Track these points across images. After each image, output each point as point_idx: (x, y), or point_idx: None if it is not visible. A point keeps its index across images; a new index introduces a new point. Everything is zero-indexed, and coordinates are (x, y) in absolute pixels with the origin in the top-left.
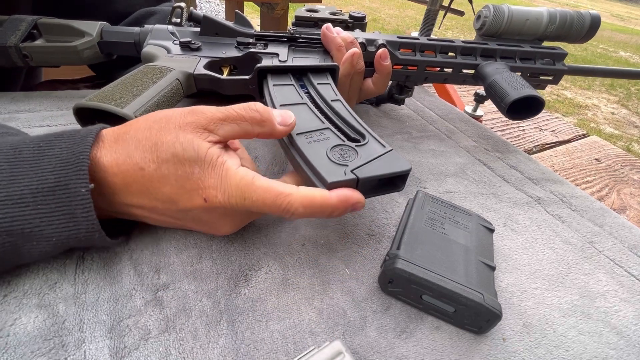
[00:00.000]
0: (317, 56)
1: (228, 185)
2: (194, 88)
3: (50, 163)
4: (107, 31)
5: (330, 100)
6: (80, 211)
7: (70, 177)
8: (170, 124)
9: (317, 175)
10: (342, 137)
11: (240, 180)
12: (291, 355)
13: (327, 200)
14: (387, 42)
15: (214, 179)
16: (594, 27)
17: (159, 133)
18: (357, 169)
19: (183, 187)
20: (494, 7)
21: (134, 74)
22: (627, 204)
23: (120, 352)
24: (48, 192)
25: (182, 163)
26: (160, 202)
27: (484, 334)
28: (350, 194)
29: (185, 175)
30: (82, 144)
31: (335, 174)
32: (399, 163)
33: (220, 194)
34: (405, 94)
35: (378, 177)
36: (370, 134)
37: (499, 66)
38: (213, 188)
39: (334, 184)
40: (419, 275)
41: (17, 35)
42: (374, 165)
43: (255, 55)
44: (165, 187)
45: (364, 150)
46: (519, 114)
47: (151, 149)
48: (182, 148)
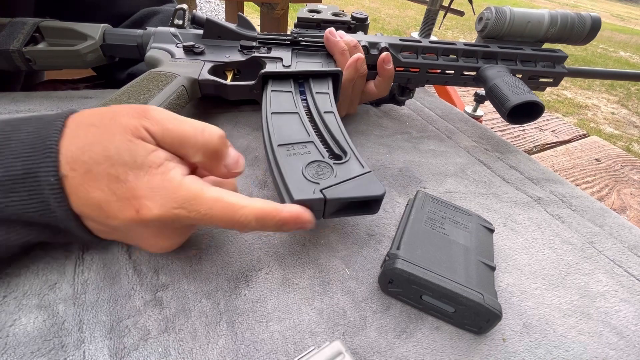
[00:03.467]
0: (320, 60)
1: (170, 198)
2: (198, 93)
3: (16, 148)
4: (110, 34)
5: (323, 111)
6: (52, 200)
7: (39, 165)
8: (114, 122)
9: (286, 189)
10: (323, 153)
11: (186, 192)
12: (291, 355)
13: (279, 212)
14: (390, 44)
15: (149, 189)
16: (594, 29)
17: (99, 130)
18: (327, 188)
19: (114, 194)
20: (496, 9)
21: (140, 80)
22: (627, 204)
23: (119, 353)
24: (18, 179)
25: (115, 167)
26: (90, 209)
27: (484, 334)
28: (301, 213)
29: (118, 181)
30: (50, 128)
31: (303, 191)
32: (373, 187)
33: (157, 207)
34: (406, 96)
35: (347, 199)
36: (352, 152)
37: (500, 69)
38: (148, 199)
39: (300, 201)
40: (419, 276)
41: (19, 39)
42: (347, 186)
43: (259, 60)
44: (94, 191)
45: (341, 169)
46: (519, 118)
47: (84, 147)
48: (116, 150)
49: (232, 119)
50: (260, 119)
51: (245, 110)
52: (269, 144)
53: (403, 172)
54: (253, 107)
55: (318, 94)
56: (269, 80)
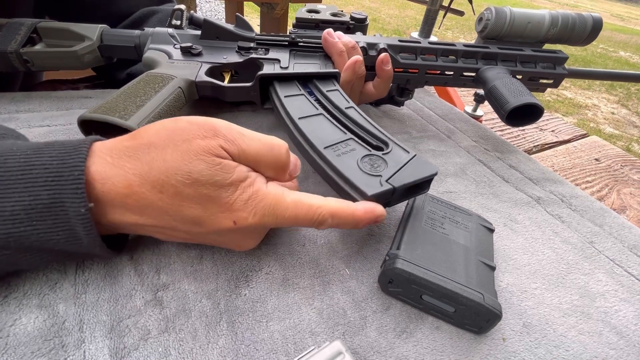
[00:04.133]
0: (318, 61)
1: (260, 207)
2: (195, 95)
3: (40, 175)
4: (107, 35)
5: (344, 108)
6: (81, 229)
7: (67, 195)
8: (189, 144)
9: (354, 188)
10: (367, 147)
11: (273, 199)
12: (291, 355)
13: (354, 212)
14: (388, 45)
15: (242, 202)
16: (595, 30)
17: (176, 152)
18: (390, 178)
19: (209, 210)
20: (496, 10)
21: (137, 83)
22: (627, 204)
23: (120, 353)
24: (43, 209)
25: (206, 187)
26: (182, 223)
27: (484, 334)
28: (375, 207)
29: (211, 199)
30: (75, 155)
31: (372, 185)
32: (427, 167)
33: (251, 216)
34: (405, 97)
35: (411, 184)
36: (392, 140)
37: (499, 71)
38: (243, 211)
39: (374, 196)
40: (419, 275)
41: (17, 40)
42: (405, 172)
43: (257, 61)
44: (188, 210)
45: (390, 158)
46: (518, 121)
47: (169, 171)
48: (201, 173)
49: (232, 119)
50: (260, 119)
51: (246, 110)
52: (311, 150)
53: None
54: (253, 107)
55: (329, 91)
56: (276, 85)
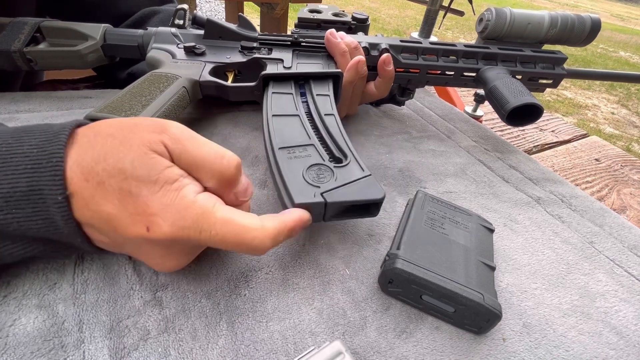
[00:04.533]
0: (321, 61)
1: (180, 215)
2: (199, 94)
3: (20, 163)
4: (111, 34)
5: (324, 113)
6: (59, 217)
7: (45, 182)
8: (134, 135)
9: (287, 193)
10: (324, 156)
11: (199, 210)
12: (291, 355)
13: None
14: (390, 46)
15: (161, 206)
16: (594, 30)
17: (116, 142)
18: (328, 192)
19: (125, 209)
20: (496, 11)
21: (141, 82)
22: (627, 204)
23: (119, 353)
24: (22, 196)
25: (129, 181)
26: (99, 222)
27: (484, 334)
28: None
29: (130, 195)
30: (55, 142)
31: (304, 194)
32: (373, 190)
33: (168, 225)
34: (406, 96)
35: (347, 203)
36: (353, 155)
37: (499, 71)
38: (159, 216)
39: (301, 205)
40: (419, 275)
41: (20, 39)
42: (347, 190)
43: (260, 61)
44: (106, 205)
45: (341, 172)
46: (518, 121)
47: (99, 159)
48: (131, 164)
49: (233, 119)
50: (260, 119)
51: (246, 110)
52: (269, 147)
53: (403, 172)
54: (253, 107)
55: (319, 95)
56: (270, 82)
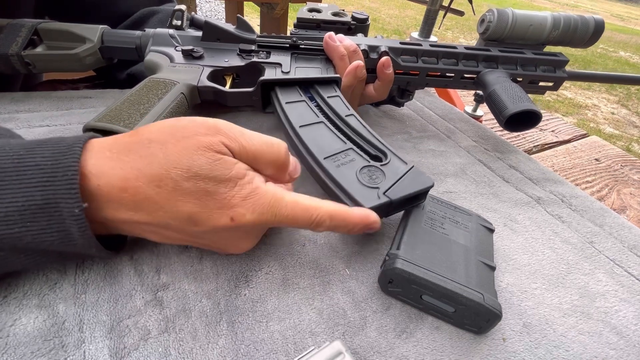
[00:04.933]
0: (319, 65)
1: (259, 204)
2: (198, 99)
3: (34, 176)
4: (108, 36)
5: (344, 115)
6: (75, 229)
7: (61, 196)
8: (191, 139)
9: (353, 200)
10: (366, 158)
11: (272, 197)
12: (291, 355)
13: (350, 216)
14: (390, 48)
15: (241, 198)
16: (597, 32)
17: (178, 146)
18: (388, 190)
19: (206, 206)
20: (498, 12)
21: (139, 89)
22: (627, 204)
23: (120, 353)
24: (37, 209)
25: (205, 182)
26: (177, 221)
27: (484, 334)
28: (369, 214)
29: (209, 194)
30: (69, 154)
31: (369, 198)
32: (423, 180)
33: (250, 213)
34: (406, 98)
35: (408, 196)
36: (390, 151)
37: (499, 75)
38: (241, 207)
39: (372, 208)
40: (419, 275)
41: (18, 42)
42: (402, 184)
43: (258, 65)
44: (185, 205)
45: (388, 169)
46: (516, 126)
47: (170, 165)
48: (201, 167)
49: (232, 119)
50: (260, 119)
51: (246, 111)
52: (311, 159)
53: None
54: (253, 108)
55: (330, 97)
56: (277, 90)
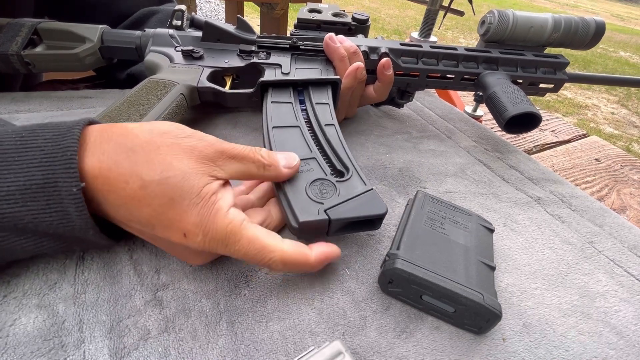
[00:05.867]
0: (319, 66)
1: (213, 229)
2: (197, 100)
3: (35, 156)
4: (108, 36)
5: (324, 124)
6: (72, 209)
7: (59, 175)
8: (176, 145)
9: (291, 210)
10: (326, 170)
11: (227, 226)
12: (291, 355)
13: (306, 261)
14: (390, 49)
15: (199, 218)
16: (598, 34)
17: (160, 149)
18: (331, 208)
19: (164, 215)
20: (498, 13)
21: (139, 90)
22: (627, 204)
23: (119, 353)
24: (37, 189)
25: (171, 190)
26: (136, 222)
27: (484, 334)
28: (327, 253)
29: (170, 204)
30: (69, 136)
31: (308, 212)
32: (376, 205)
33: (202, 235)
34: (406, 99)
35: (350, 219)
36: (354, 168)
37: (500, 76)
38: (196, 226)
39: (305, 223)
40: (419, 276)
41: (17, 42)
42: (350, 205)
43: (258, 66)
44: (145, 208)
45: (344, 186)
46: (516, 128)
47: (144, 165)
48: (180, 175)
49: (232, 120)
50: (260, 119)
51: (245, 111)
52: None
53: (403, 172)
54: (253, 108)
55: (318, 104)
56: (269, 89)
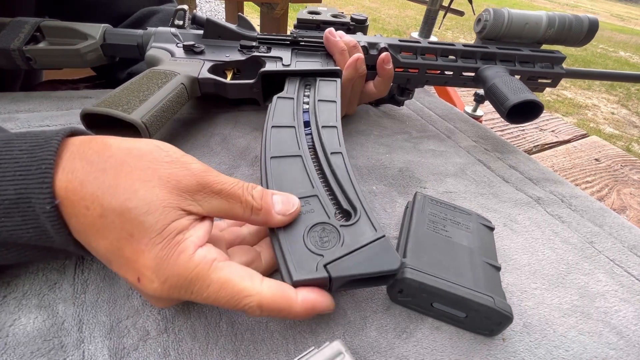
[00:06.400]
0: (319, 60)
1: (173, 274)
2: (198, 92)
3: (9, 169)
4: (110, 34)
5: (330, 152)
6: (49, 226)
7: (32, 190)
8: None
9: (285, 264)
10: (329, 211)
11: (192, 270)
12: (291, 355)
13: (290, 307)
14: (389, 45)
15: (156, 261)
16: (592, 31)
17: (131, 174)
18: (332, 262)
19: (121, 251)
20: (494, 11)
21: (140, 78)
22: (627, 204)
23: (119, 353)
24: (10, 204)
25: (131, 223)
26: (94, 252)
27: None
28: (316, 303)
29: (128, 239)
30: (45, 147)
31: (305, 267)
32: (387, 258)
33: (158, 282)
34: (405, 96)
35: (355, 276)
36: (363, 209)
37: (498, 70)
38: (152, 271)
39: (301, 282)
40: (429, 284)
41: (20, 38)
42: (355, 258)
43: (259, 59)
44: (102, 240)
45: (349, 232)
46: (518, 118)
47: (107, 189)
48: (144, 207)
49: (233, 119)
50: (260, 119)
51: (246, 110)
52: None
53: (403, 172)
54: (253, 107)
55: (324, 127)
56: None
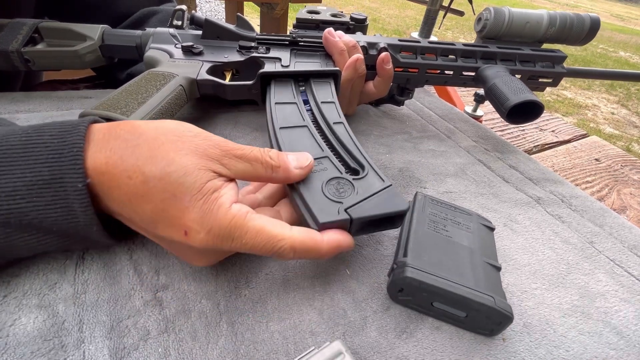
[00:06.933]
0: (319, 60)
1: (216, 225)
2: (197, 93)
3: (42, 153)
4: (109, 35)
5: (332, 122)
6: (77, 205)
7: (65, 171)
8: (180, 142)
9: (310, 213)
10: (340, 168)
11: (231, 220)
12: (291, 355)
13: (318, 246)
14: (389, 45)
15: (200, 214)
16: (593, 29)
17: (163, 146)
18: (351, 207)
19: (166, 211)
20: (494, 10)
21: (138, 80)
22: (627, 204)
23: (119, 353)
24: (43, 184)
25: (172, 185)
26: (140, 219)
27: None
28: (340, 241)
29: (172, 199)
30: (75, 132)
31: (328, 212)
32: (397, 202)
33: (204, 232)
34: (405, 96)
35: (373, 217)
36: (370, 165)
37: (499, 69)
38: (197, 223)
39: (326, 224)
40: (429, 283)
41: (18, 39)
42: (370, 203)
43: (258, 60)
44: (147, 204)
45: (361, 184)
46: (518, 118)
47: (146, 160)
48: (182, 170)
49: (233, 119)
50: (260, 119)
51: (246, 111)
52: None
53: (403, 172)
54: (253, 107)
55: (323, 103)
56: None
